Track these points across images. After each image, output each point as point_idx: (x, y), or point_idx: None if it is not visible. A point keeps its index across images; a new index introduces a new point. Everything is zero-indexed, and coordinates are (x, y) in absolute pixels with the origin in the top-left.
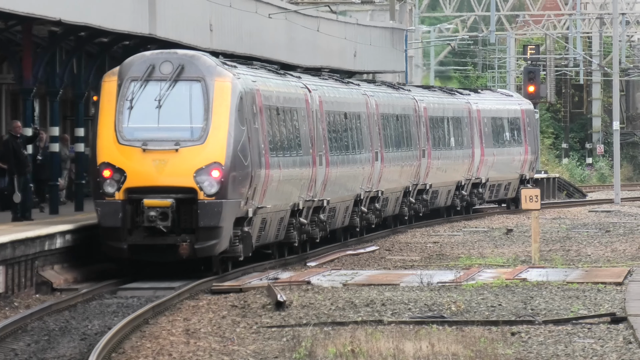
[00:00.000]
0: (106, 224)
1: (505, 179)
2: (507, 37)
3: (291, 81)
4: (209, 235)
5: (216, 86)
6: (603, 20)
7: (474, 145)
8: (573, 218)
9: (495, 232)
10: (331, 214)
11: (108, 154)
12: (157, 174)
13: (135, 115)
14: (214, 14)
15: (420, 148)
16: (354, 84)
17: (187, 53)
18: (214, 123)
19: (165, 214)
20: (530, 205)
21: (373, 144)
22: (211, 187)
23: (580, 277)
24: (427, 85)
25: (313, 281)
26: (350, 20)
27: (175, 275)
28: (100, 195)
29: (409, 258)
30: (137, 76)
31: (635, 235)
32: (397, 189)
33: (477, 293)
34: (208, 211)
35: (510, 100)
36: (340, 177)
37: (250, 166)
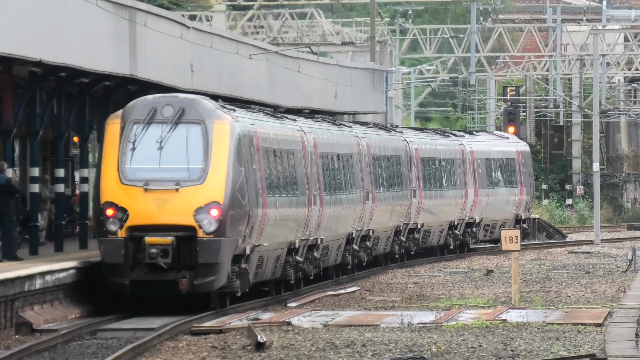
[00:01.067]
0: (109, 261)
1: (500, 219)
2: (487, 78)
3: (287, 124)
4: (208, 272)
5: (215, 129)
6: (583, 62)
7: (467, 185)
8: (553, 259)
9: (476, 272)
10: (324, 252)
11: (111, 194)
12: (158, 213)
13: (137, 156)
14: (195, 54)
15: (411, 188)
16: (346, 126)
17: (188, 97)
18: (213, 164)
19: (166, 251)
20: (510, 246)
21: (364, 184)
22: (210, 225)
23: (560, 318)
24: (420, 128)
25: (293, 322)
26: (330, 61)
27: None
28: (104, 233)
29: (390, 299)
30: (139, 119)
31: (615, 276)
32: (388, 227)
33: (457, 334)
34: (207, 248)
35: (505, 142)
36: (333, 216)
37: (247, 205)
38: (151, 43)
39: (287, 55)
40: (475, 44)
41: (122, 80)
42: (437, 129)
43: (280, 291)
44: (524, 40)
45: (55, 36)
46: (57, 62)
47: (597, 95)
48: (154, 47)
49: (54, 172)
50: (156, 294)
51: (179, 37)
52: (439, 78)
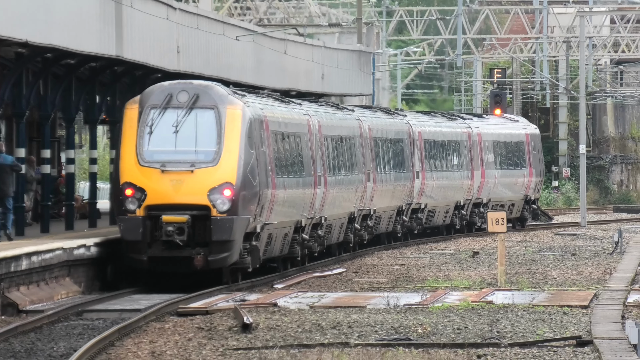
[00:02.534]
0: (128, 238)
1: (508, 199)
2: (473, 60)
3: (294, 108)
4: (221, 249)
5: (228, 113)
6: (570, 44)
7: (474, 167)
8: (539, 241)
9: (462, 254)
10: (328, 230)
11: (130, 175)
12: (175, 193)
13: (154, 139)
14: (181, 35)
15: (414, 170)
16: (349, 109)
17: (202, 83)
18: (226, 147)
19: (182, 229)
20: (496, 228)
21: (366, 165)
22: (223, 205)
23: (546, 300)
24: (427, 111)
25: (280, 303)
26: (317, 43)
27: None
28: (123, 211)
29: (376, 280)
30: (156, 104)
31: (601, 258)
32: (389, 207)
33: (443, 315)
34: (220, 226)
35: (514, 125)
36: (336, 196)
37: (258, 186)
38: (137, 24)
39: (274, 37)
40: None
41: (108, 62)
42: (444, 112)
43: (287, 267)
44: (511, 22)
45: (42, 17)
46: (43, 43)
47: (583, 77)
48: (140, 28)
49: (40, 153)
50: (172, 270)
51: (165, 18)
52: (425, 60)
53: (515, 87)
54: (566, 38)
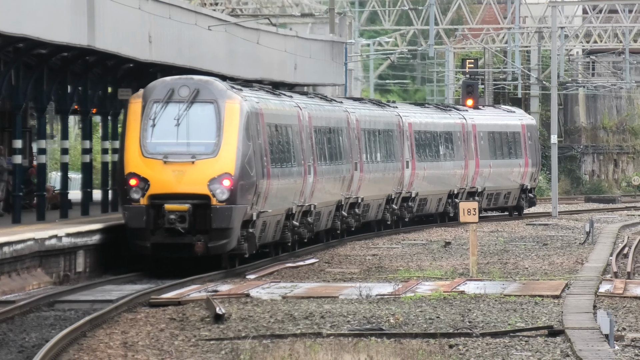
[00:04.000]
0: (132, 226)
1: (503, 188)
2: (445, 50)
3: (285, 100)
4: (221, 236)
5: (227, 107)
6: (542, 34)
7: (468, 157)
8: (511, 231)
9: (434, 245)
10: (317, 217)
11: (134, 165)
12: (176, 183)
13: (157, 132)
14: (153, 25)
15: (404, 159)
16: (337, 101)
17: (202, 79)
18: (225, 139)
19: (183, 217)
20: (468, 218)
21: (353, 155)
22: (223, 194)
23: (517, 290)
24: (420, 103)
25: (252, 294)
26: (290, 33)
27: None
28: (127, 200)
29: (348, 271)
30: (159, 98)
31: (572, 248)
32: (378, 196)
33: (415, 305)
34: (220, 215)
35: (510, 116)
36: (325, 184)
37: (255, 176)
38: (109, 14)
39: (246, 27)
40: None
41: (80, 51)
42: (439, 104)
43: (279, 252)
44: (483, 12)
45: (13, 7)
46: (14, 33)
47: (555, 67)
48: (112, 18)
49: (12, 143)
50: (174, 256)
51: (137, 8)
52: (398, 50)
53: (487, 77)
54: (538, 28)
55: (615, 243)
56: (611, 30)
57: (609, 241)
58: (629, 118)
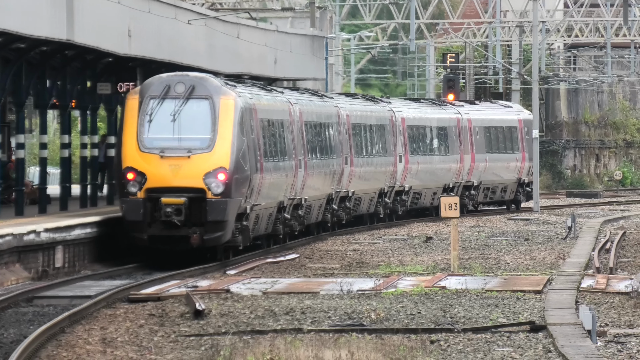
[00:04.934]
0: (130, 218)
1: (500, 182)
2: (426, 45)
3: (277, 96)
4: (216, 228)
5: (222, 103)
6: (523, 29)
7: (463, 151)
8: (492, 226)
9: (415, 239)
10: (307, 211)
11: (132, 160)
12: (173, 177)
13: (154, 127)
14: (133, 19)
15: (397, 154)
16: (328, 97)
17: (197, 75)
18: (220, 134)
19: (180, 210)
20: (449, 213)
21: (343, 149)
22: (218, 188)
23: (499, 285)
24: (415, 98)
25: (232, 289)
26: (270, 27)
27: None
28: (125, 194)
29: (329, 266)
30: (155, 94)
31: (554, 243)
32: (370, 190)
33: (396, 301)
34: (215, 208)
35: (507, 111)
36: (315, 178)
37: (249, 170)
38: (89, 8)
39: (226, 21)
40: (415, 10)
41: (59, 46)
42: (434, 99)
43: (270, 245)
44: (464, 6)
45: None
46: None
47: (536, 62)
48: (92, 11)
49: None
50: (170, 248)
51: (116, 2)
52: (378, 45)
53: (468, 72)
54: (519, 22)
55: (598, 238)
56: (592, 24)
57: (591, 236)
58: (611, 112)
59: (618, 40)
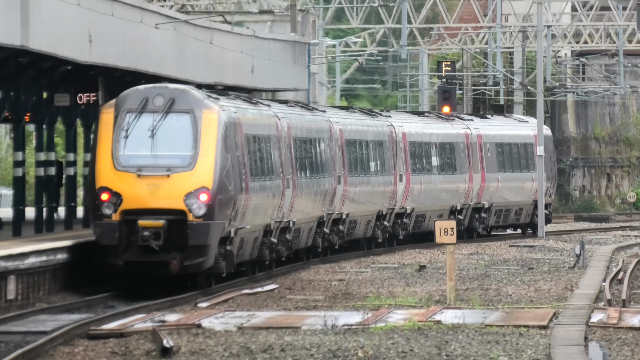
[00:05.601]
0: (104, 243)
1: (514, 204)
2: (419, 52)
3: (263, 110)
4: (197, 253)
5: (204, 117)
6: (526, 34)
7: (473, 170)
8: (492, 253)
9: (407, 268)
10: (296, 234)
11: (106, 179)
12: (151, 197)
13: (130, 143)
14: (94, 23)
15: (397, 173)
16: (320, 110)
17: (178, 87)
18: (202, 151)
19: (158, 233)
20: (444, 239)
21: (335, 168)
22: (199, 210)
23: (500, 319)
24: (419, 112)
25: (204, 324)
26: (246, 32)
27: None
28: (99, 216)
29: (312, 298)
30: (132, 108)
31: (561, 273)
32: (366, 212)
33: (386, 337)
34: (196, 231)
35: (522, 126)
36: (305, 199)
37: (233, 190)
38: (45, 10)
39: (198, 25)
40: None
41: (12, 52)
42: (440, 112)
43: (256, 271)
44: (461, 9)
45: None
46: None
47: (541, 71)
48: (48, 15)
49: None
50: (148, 274)
51: (76, 4)
52: (366, 52)
53: (466, 81)
54: (522, 27)
55: (609, 267)
56: (603, 29)
57: (601, 265)
58: (623, 127)
59: (631, 47)
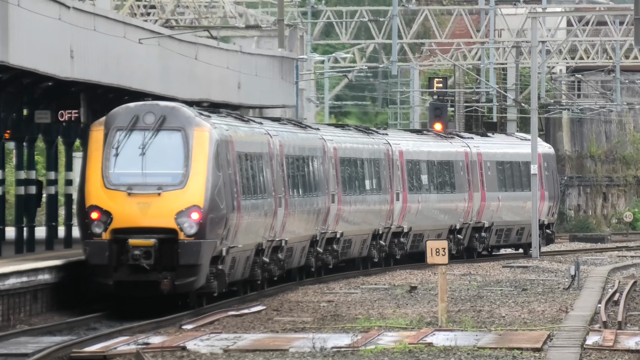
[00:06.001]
0: (94, 262)
1: (516, 223)
2: (410, 68)
3: (255, 127)
4: (189, 273)
5: (195, 135)
6: (520, 50)
7: (473, 189)
8: (485, 274)
9: (398, 289)
10: (288, 254)
11: (96, 197)
12: (141, 216)
13: (120, 161)
14: (76, 38)
15: (393, 191)
16: (313, 128)
17: (168, 105)
18: (194, 169)
19: (149, 252)
20: (436, 259)
21: (329, 186)
22: (191, 228)
23: (493, 341)
24: (418, 130)
25: (189, 347)
26: (233, 47)
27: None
28: (89, 235)
29: (300, 319)
30: (122, 126)
31: (555, 294)
32: (361, 231)
33: (376, 359)
34: (188, 250)
35: (523, 144)
36: (298, 218)
37: (225, 208)
38: (25, 25)
39: (183, 40)
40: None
41: None
42: (440, 132)
43: (247, 291)
44: (453, 25)
45: None
46: None
47: (535, 87)
48: (29, 29)
49: None
50: (139, 294)
51: (57, 19)
52: (356, 68)
53: (458, 98)
54: (516, 43)
55: (605, 288)
56: (599, 45)
57: (597, 286)
58: (620, 145)
59: (628, 63)
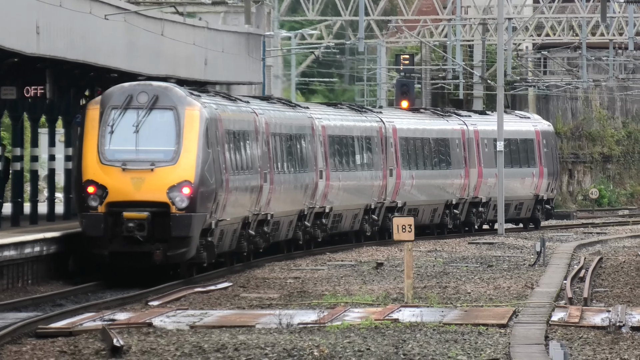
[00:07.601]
0: (90, 234)
1: (514, 198)
2: (377, 45)
3: (242, 106)
4: (180, 244)
5: (186, 114)
6: (486, 27)
7: (469, 165)
8: (451, 250)
9: (364, 266)
10: (275, 227)
11: (92, 173)
12: (135, 190)
13: (115, 139)
14: (42, 14)
15: (386, 168)
16: (302, 107)
17: (161, 85)
18: (185, 146)
19: (142, 225)
20: (402, 235)
21: (317, 163)
22: (182, 202)
23: (458, 317)
24: (415, 108)
25: (155, 323)
26: (199, 23)
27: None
28: (85, 208)
29: (267, 296)
30: (117, 105)
31: (521, 270)
32: (351, 206)
33: (342, 336)
34: (179, 223)
35: (522, 122)
36: (284, 193)
37: (214, 184)
38: None
39: (149, 16)
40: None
41: None
42: (437, 109)
43: (234, 263)
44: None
45: None
46: None
47: (501, 64)
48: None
49: None
50: (132, 265)
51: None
52: (323, 44)
53: (425, 75)
54: (482, 20)
55: (570, 265)
56: (566, 21)
57: (562, 262)
58: (586, 122)
59: (595, 40)
